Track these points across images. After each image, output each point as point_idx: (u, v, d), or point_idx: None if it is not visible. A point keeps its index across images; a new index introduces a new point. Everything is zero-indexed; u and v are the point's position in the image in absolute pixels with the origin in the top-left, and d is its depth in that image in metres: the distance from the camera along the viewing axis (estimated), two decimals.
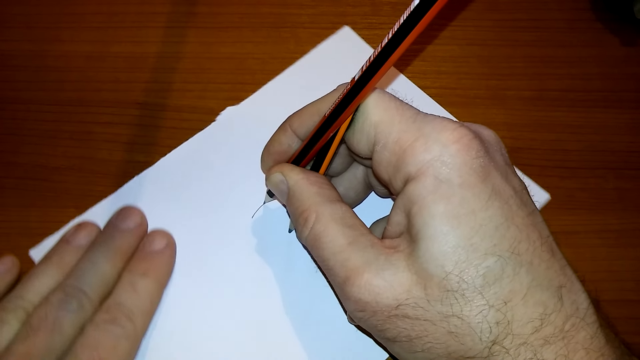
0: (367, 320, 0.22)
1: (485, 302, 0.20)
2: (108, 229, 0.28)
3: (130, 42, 0.38)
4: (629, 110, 0.36)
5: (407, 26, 0.20)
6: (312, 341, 0.28)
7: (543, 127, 0.36)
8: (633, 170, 0.34)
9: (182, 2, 0.40)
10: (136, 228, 0.29)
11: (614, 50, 0.38)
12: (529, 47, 0.38)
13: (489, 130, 0.24)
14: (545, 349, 0.20)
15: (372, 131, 0.23)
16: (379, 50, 0.21)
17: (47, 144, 0.34)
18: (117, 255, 0.27)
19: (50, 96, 0.36)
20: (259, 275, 0.30)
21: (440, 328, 0.21)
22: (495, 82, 0.37)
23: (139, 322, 0.26)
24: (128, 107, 0.36)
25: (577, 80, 0.37)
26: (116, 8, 0.39)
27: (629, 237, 0.32)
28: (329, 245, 0.23)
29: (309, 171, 0.26)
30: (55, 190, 0.33)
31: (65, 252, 0.27)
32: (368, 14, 0.40)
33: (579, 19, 0.40)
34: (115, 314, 0.25)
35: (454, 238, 0.20)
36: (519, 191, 0.22)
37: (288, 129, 0.27)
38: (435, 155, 0.21)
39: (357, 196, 0.30)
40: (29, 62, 0.37)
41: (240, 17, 0.39)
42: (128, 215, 0.29)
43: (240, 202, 0.32)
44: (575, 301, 0.21)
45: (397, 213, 0.23)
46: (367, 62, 0.22)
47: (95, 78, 0.37)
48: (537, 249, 0.21)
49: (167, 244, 0.29)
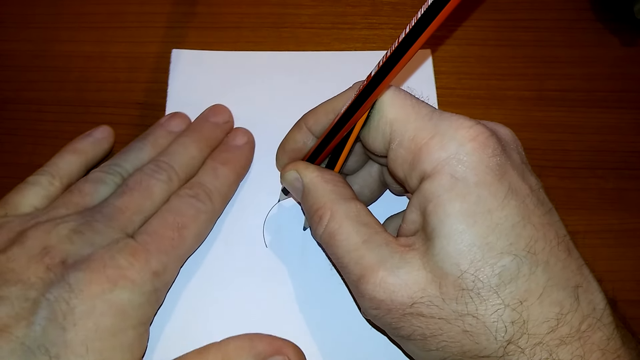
0: (382, 318, 0.22)
1: (501, 301, 0.20)
2: (199, 121, 0.32)
3: (130, 42, 0.38)
4: (629, 111, 0.36)
5: (425, 21, 0.20)
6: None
7: (543, 127, 0.36)
8: (633, 170, 0.34)
9: (182, 2, 0.40)
10: (224, 123, 0.32)
11: (614, 51, 0.38)
12: (529, 47, 0.38)
13: (506, 128, 0.24)
14: (561, 349, 0.20)
15: (388, 129, 0.23)
16: (396, 45, 0.21)
17: (47, 144, 0.34)
18: (204, 143, 0.30)
19: (51, 96, 0.36)
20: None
21: (455, 327, 0.21)
22: (495, 82, 0.37)
23: (217, 201, 0.29)
24: (128, 107, 0.36)
25: (577, 80, 0.37)
26: (116, 8, 0.39)
27: (629, 237, 0.32)
28: (344, 243, 0.23)
29: (324, 169, 0.26)
30: None
31: (160, 134, 0.31)
32: (368, 14, 0.39)
33: (579, 19, 0.40)
34: (197, 191, 0.28)
35: (469, 237, 0.20)
36: (536, 190, 0.22)
37: (303, 127, 0.27)
38: (451, 153, 0.21)
39: (371, 194, 0.30)
40: (29, 62, 0.37)
41: (240, 17, 0.39)
42: (218, 112, 0.32)
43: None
44: (591, 301, 0.21)
45: (413, 211, 0.23)
46: (384, 58, 0.21)
47: (95, 78, 0.37)
48: (554, 248, 0.21)
49: (247, 140, 0.32)
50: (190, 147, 0.30)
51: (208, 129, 0.31)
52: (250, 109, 0.34)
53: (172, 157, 0.29)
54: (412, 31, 0.20)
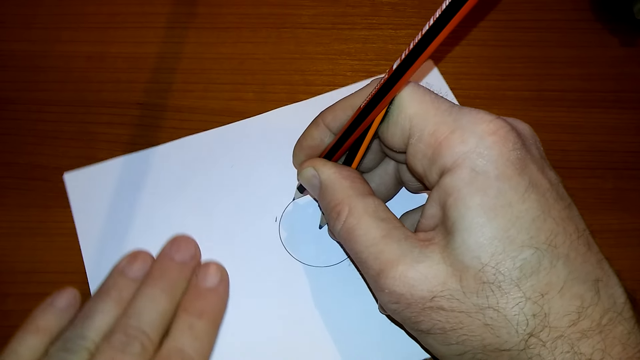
0: (401, 312, 0.22)
1: (522, 294, 0.20)
2: (163, 261, 0.28)
3: (130, 42, 0.38)
4: (628, 111, 0.36)
5: (446, 16, 0.20)
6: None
7: (543, 127, 0.36)
8: (633, 171, 0.34)
9: (182, 3, 0.40)
10: (191, 260, 0.28)
11: (614, 51, 0.38)
12: (529, 47, 0.38)
13: (524, 124, 0.24)
14: (582, 342, 0.20)
15: (407, 124, 0.23)
16: (418, 39, 0.21)
17: (47, 144, 0.34)
18: (173, 291, 0.26)
19: (51, 96, 0.36)
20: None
21: (475, 320, 0.20)
22: (495, 82, 0.37)
23: None
24: (128, 108, 0.36)
25: (577, 80, 0.37)
26: (117, 8, 0.39)
27: (629, 237, 0.32)
28: (363, 238, 0.23)
29: (341, 165, 0.26)
30: (55, 190, 0.33)
31: (122, 285, 0.27)
32: (368, 14, 0.40)
33: (579, 19, 0.40)
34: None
35: (490, 230, 0.20)
36: (555, 184, 0.22)
37: (321, 124, 0.27)
38: (471, 147, 0.21)
39: (387, 192, 0.30)
40: (29, 62, 0.37)
41: (240, 18, 0.39)
42: (183, 246, 0.28)
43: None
44: (612, 295, 0.21)
45: (432, 206, 0.23)
46: (405, 53, 0.21)
47: (96, 78, 0.37)
48: (574, 242, 0.21)
49: (220, 278, 0.28)
50: (159, 300, 0.26)
51: (175, 272, 0.27)
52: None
53: (141, 318, 0.25)
54: (436, 23, 0.20)
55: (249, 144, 0.34)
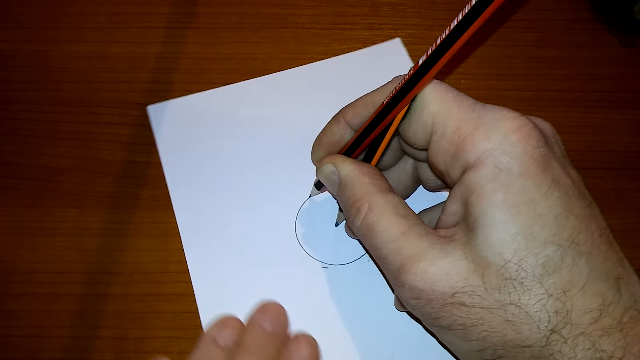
0: (422, 308, 0.22)
1: (544, 290, 0.20)
2: (255, 331, 0.26)
3: (130, 42, 0.38)
4: (628, 111, 0.36)
5: (473, 14, 0.20)
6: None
7: None
8: (632, 171, 0.34)
9: (183, 3, 0.40)
10: (281, 329, 0.27)
11: (614, 51, 0.38)
12: (529, 48, 0.39)
13: (546, 122, 0.24)
14: (604, 340, 0.20)
15: (430, 121, 0.23)
16: (444, 37, 0.21)
17: (47, 144, 0.34)
18: None
19: (51, 96, 0.36)
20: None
21: (497, 316, 0.21)
22: (495, 82, 0.37)
23: None
24: (128, 107, 0.36)
25: (577, 80, 0.37)
26: (116, 8, 0.39)
27: (629, 237, 0.32)
28: (383, 234, 0.23)
29: (360, 162, 0.26)
30: (55, 190, 0.33)
31: (215, 355, 0.26)
32: (368, 14, 0.40)
33: (579, 20, 0.40)
34: None
35: (513, 226, 0.20)
36: (577, 182, 0.22)
37: (341, 120, 0.27)
38: (495, 144, 0.21)
39: (405, 190, 0.30)
40: (29, 62, 0.37)
41: (240, 18, 0.39)
42: (273, 315, 0.27)
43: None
44: (633, 294, 0.21)
45: (454, 202, 0.23)
46: (430, 50, 0.22)
47: (96, 78, 0.37)
48: (596, 240, 0.21)
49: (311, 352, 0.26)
50: None
51: (267, 344, 0.26)
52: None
53: None
54: (461, 23, 0.20)
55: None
